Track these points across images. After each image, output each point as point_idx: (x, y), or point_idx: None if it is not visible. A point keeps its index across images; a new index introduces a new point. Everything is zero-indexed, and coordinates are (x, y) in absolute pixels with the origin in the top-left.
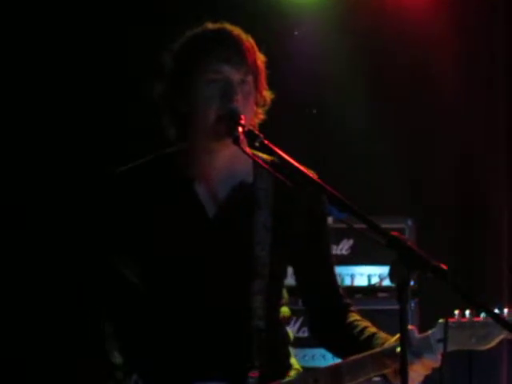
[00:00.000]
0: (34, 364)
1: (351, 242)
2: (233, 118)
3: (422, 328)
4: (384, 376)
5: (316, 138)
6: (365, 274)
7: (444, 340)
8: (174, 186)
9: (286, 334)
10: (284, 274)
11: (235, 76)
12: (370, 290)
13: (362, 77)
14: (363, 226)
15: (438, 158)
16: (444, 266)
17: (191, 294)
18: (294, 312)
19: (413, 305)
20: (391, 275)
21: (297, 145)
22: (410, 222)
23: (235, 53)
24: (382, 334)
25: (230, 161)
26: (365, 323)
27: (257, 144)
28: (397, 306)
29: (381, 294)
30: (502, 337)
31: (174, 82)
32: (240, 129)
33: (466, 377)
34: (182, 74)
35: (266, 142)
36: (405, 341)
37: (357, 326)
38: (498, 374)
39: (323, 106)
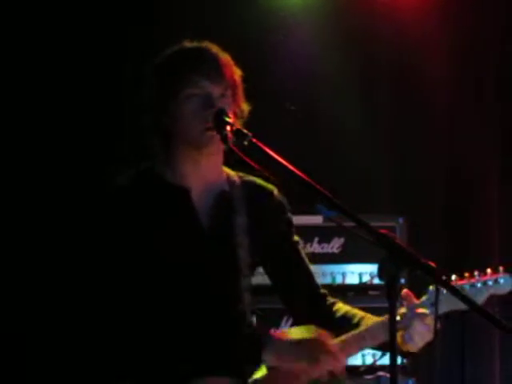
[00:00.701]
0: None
1: (342, 240)
2: (220, 117)
3: None
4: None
5: (307, 137)
6: (356, 272)
7: (435, 305)
8: (169, 198)
9: None
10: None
11: (214, 90)
12: (361, 288)
13: (354, 75)
14: (353, 224)
15: (430, 156)
16: (433, 264)
17: (192, 296)
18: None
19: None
20: (380, 273)
21: (287, 143)
22: (401, 221)
23: (214, 68)
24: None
25: (211, 171)
26: (359, 313)
27: (246, 143)
28: (387, 304)
29: (372, 292)
30: (489, 293)
31: (156, 96)
32: (228, 127)
33: (459, 365)
34: (163, 88)
35: (254, 140)
36: (394, 335)
37: (352, 317)
38: (491, 361)
39: (315, 104)
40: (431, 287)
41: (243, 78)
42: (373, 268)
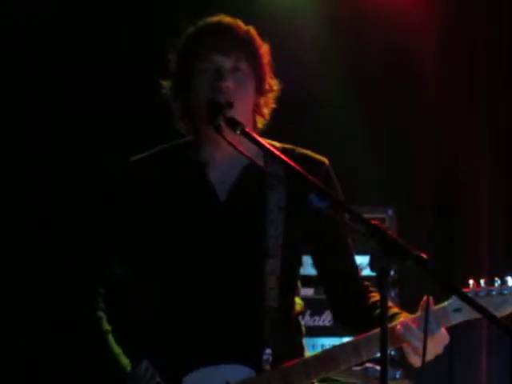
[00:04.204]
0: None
1: None
2: (214, 107)
3: None
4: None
5: (298, 127)
6: None
7: (425, 323)
8: (185, 172)
9: (300, 325)
10: (298, 259)
11: (226, 63)
12: None
13: (345, 67)
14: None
15: (419, 148)
16: (424, 255)
17: (204, 277)
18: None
19: (393, 294)
20: (371, 263)
21: (275, 134)
22: (390, 212)
23: (227, 41)
24: (404, 314)
25: (237, 142)
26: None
27: (238, 132)
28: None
29: None
30: None
31: (177, 75)
32: (222, 117)
33: (447, 365)
34: (182, 67)
35: (246, 129)
36: (385, 327)
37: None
38: (478, 361)
39: (306, 95)
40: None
41: None
42: (362, 259)
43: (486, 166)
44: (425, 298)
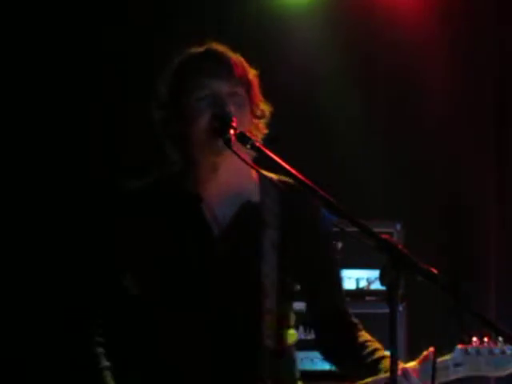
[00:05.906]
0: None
1: (340, 245)
2: (224, 121)
3: (410, 332)
4: None
5: (305, 140)
6: (353, 278)
7: (433, 371)
8: (181, 205)
9: (294, 356)
10: (292, 296)
11: (224, 88)
12: (358, 294)
13: (353, 78)
14: (354, 229)
15: (427, 162)
16: (434, 270)
17: (197, 315)
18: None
19: (400, 309)
20: (382, 277)
21: (286, 146)
22: (398, 227)
23: (222, 66)
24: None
25: (234, 177)
26: (375, 345)
27: (248, 146)
28: (384, 310)
29: (368, 298)
30: None
31: (168, 106)
32: (232, 131)
33: None
34: (175, 96)
35: (257, 144)
36: (395, 341)
37: (367, 346)
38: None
39: (313, 107)
40: (459, 346)
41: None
42: (370, 273)
43: (495, 180)
44: (431, 349)
